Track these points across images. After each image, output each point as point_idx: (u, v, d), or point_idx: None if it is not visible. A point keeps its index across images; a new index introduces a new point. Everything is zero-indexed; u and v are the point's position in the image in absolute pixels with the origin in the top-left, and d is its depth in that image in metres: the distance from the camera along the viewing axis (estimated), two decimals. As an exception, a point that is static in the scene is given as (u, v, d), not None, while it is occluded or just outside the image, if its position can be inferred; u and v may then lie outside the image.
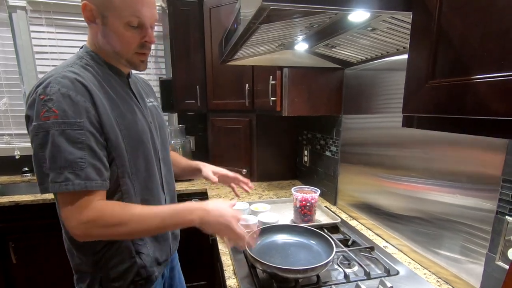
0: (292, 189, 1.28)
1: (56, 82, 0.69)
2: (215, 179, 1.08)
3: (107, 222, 0.71)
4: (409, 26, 0.57)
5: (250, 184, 1.14)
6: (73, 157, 0.67)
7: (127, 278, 0.82)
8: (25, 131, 2.06)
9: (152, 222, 0.74)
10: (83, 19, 0.78)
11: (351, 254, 0.98)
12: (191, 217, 0.76)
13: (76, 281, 0.86)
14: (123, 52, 0.79)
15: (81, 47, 0.83)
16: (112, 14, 0.73)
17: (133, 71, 0.91)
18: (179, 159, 1.18)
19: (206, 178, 1.10)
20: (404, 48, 0.94)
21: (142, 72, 1.25)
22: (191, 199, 1.12)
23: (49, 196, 1.69)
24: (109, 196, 0.77)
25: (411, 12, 0.55)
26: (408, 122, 0.59)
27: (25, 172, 2.08)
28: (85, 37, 0.84)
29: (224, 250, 1.09)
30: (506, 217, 0.69)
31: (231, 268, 0.97)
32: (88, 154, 0.69)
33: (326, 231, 1.14)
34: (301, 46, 1.16)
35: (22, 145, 2.10)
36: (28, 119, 0.71)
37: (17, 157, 2.07)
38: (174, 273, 1.10)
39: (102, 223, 0.70)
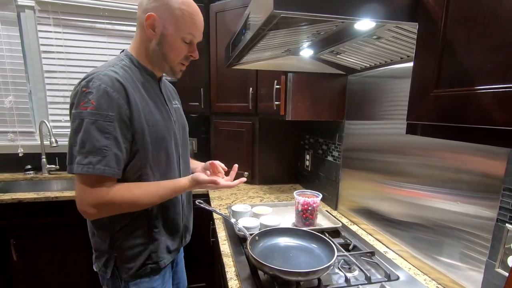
0: (295, 193, 1.29)
1: (98, 79, 0.78)
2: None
3: (117, 204, 0.81)
4: (413, 36, 0.59)
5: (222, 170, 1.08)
6: (99, 144, 0.76)
7: (139, 260, 0.89)
8: (29, 129, 2.11)
9: (154, 199, 0.86)
10: (90, 20, 0.82)
11: (352, 259, 0.99)
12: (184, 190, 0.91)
13: (94, 259, 0.94)
14: (171, 60, 0.90)
15: (122, 51, 0.93)
16: (173, 28, 0.85)
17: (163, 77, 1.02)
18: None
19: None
20: (408, 56, 0.96)
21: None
22: (194, 200, 1.14)
23: (51, 194, 1.71)
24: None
25: (417, 23, 0.57)
26: (412, 130, 0.61)
27: (28, 169, 2.08)
28: (91, 38, 0.87)
29: (226, 252, 1.10)
30: (506, 225, 0.71)
31: (233, 269, 0.98)
32: (113, 144, 0.77)
33: (327, 235, 1.15)
34: (306, 52, 1.18)
35: (25, 143, 2.11)
36: (71, 107, 0.80)
37: (20, 154, 2.08)
38: (177, 269, 1.15)
39: (115, 204, 0.80)
